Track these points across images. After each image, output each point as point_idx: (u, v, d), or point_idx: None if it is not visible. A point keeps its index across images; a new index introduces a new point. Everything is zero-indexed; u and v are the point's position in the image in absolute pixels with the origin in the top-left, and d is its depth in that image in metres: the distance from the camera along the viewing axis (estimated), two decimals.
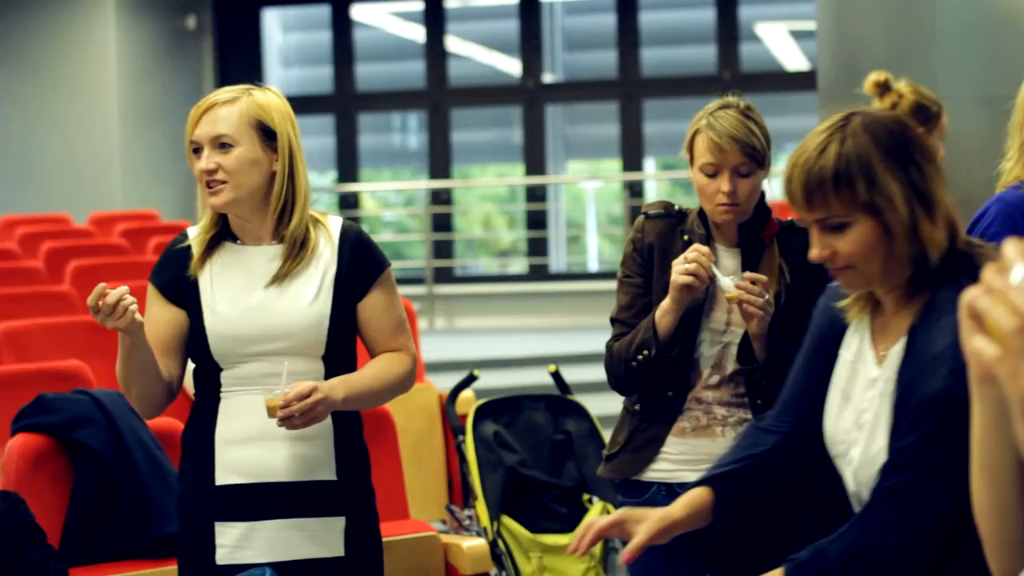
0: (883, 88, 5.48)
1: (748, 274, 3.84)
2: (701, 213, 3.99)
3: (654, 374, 3.88)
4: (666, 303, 3.83)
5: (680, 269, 3.77)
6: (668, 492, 3.91)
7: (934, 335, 2.53)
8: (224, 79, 16.19)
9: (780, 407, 3.00)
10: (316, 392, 3.43)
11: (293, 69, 17.17)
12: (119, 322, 3.37)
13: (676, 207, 4.04)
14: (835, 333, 2.85)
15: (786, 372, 3.71)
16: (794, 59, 16.45)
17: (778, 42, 16.58)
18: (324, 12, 16.63)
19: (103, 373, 5.95)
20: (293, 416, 3.41)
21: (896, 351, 2.64)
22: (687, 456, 3.94)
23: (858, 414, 2.70)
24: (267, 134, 3.61)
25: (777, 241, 3.97)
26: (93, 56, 14.85)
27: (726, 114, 3.94)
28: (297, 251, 3.62)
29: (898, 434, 2.56)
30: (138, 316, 3.39)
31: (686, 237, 3.96)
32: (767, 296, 3.80)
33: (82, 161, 14.76)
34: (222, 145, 3.57)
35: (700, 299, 3.89)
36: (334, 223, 3.72)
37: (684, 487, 3.67)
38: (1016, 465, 1.79)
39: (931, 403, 2.51)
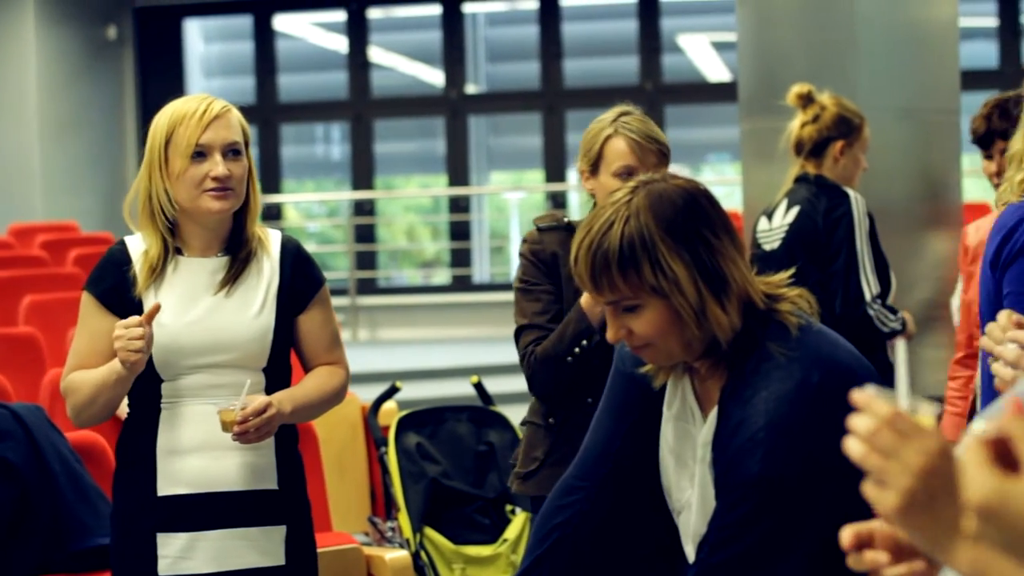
0: (806, 100, 5.52)
1: None
2: None
3: (586, 368, 3.87)
4: (585, 298, 3.84)
5: None
6: None
7: (748, 413, 2.47)
8: (145, 90, 16.08)
9: (583, 458, 2.87)
10: (271, 408, 3.43)
11: (215, 80, 17.07)
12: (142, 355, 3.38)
13: (566, 219, 4.07)
14: (646, 388, 2.76)
15: None
16: (716, 70, 16.53)
17: (700, 53, 16.66)
18: (246, 23, 16.56)
19: (21, 386, 5.89)
20: (249, 432, 3.41)
21: (711, 421, 2.59)
22: None
23: (691, 477, 2.65)
24: (245, 147, 3.62)
25: None
26: (12, 66, 14.71)
27: (633, 119, 4.02)
28: (244, 263, 3.61)
29: (719, 511, 2.52)
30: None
31: None
32: None
33: (1, 172, 14.61)
34: (234, 152, 3.56)
35: None
36: (273, 236, 3.72)
37: None
38: None
39: (750, 486, 2.46)
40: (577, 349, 3.85)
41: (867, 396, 1.54)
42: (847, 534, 1.58)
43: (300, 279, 3.68)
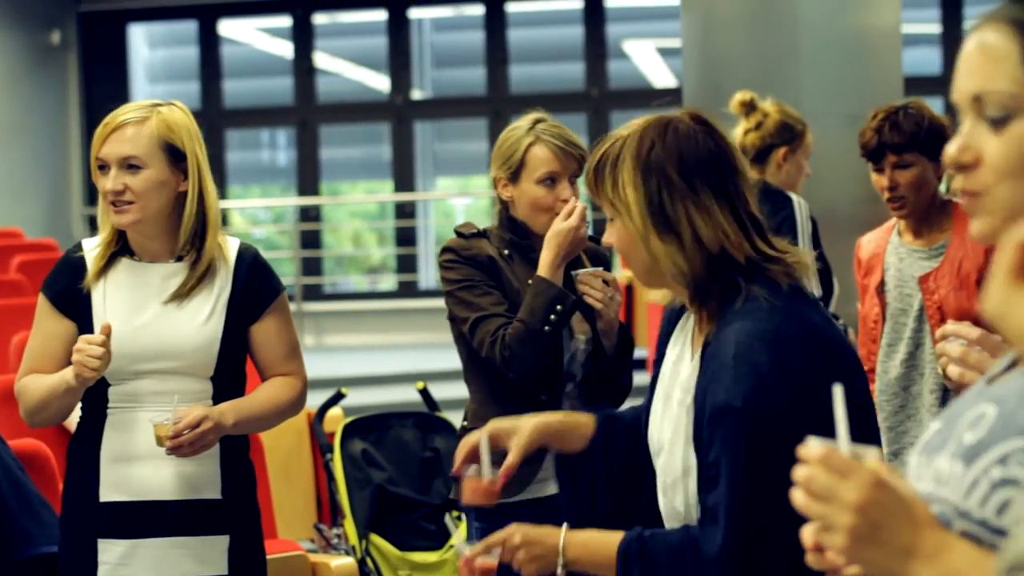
0: (748, 107, 5.55)
1: (595, 269, 3.91)
2: (514, 230, 4.02)
3: (556, 341, 3.86)
4: (554, 258, 3.86)
5: (572, 222, 3.83)
6: (536, 508, 3.93)
7: (721, 343, 2.52)
8: (89, 95, 15.99)
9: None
10: (206, 421, 3.42)
11: (160, 85, 16.99)
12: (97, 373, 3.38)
13: (481, 228, 4.09)
14: (670, 327, 2.86)
15: (624, 371, 3.96)
16: (661, 76, 16.58)
17: (646, 59, 16.71)
18: (191, 28, 16.48)
19: None
20: (182, 445, 3.39)
21: (695, 363, 2.65)
22: (550, 468, 3.87)
23: (671, 418, 2.69)
24: (176, 155, 3.58)
25: (584, 250, 3.99)
26: None
27: (551, 125, 4.03)
28: (203, 271, 3.60)
29: (701, 448, 2.55)
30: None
31: (506, 251, 4.01)
32: (615, 295, 3.87)
33: None
34: (130, 166, 3.53)
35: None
36: (231, 244, 3.70)
37: (552, 499, 3.87)
38: None
39: (716, 415, 2.50)
40: (552, 316, 3.81)
41: (805, 446, 1.55)
42: (807, 534, 1.58)
43: (254, 288, 3.66)
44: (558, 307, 3.82)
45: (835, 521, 1.51)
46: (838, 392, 1.58)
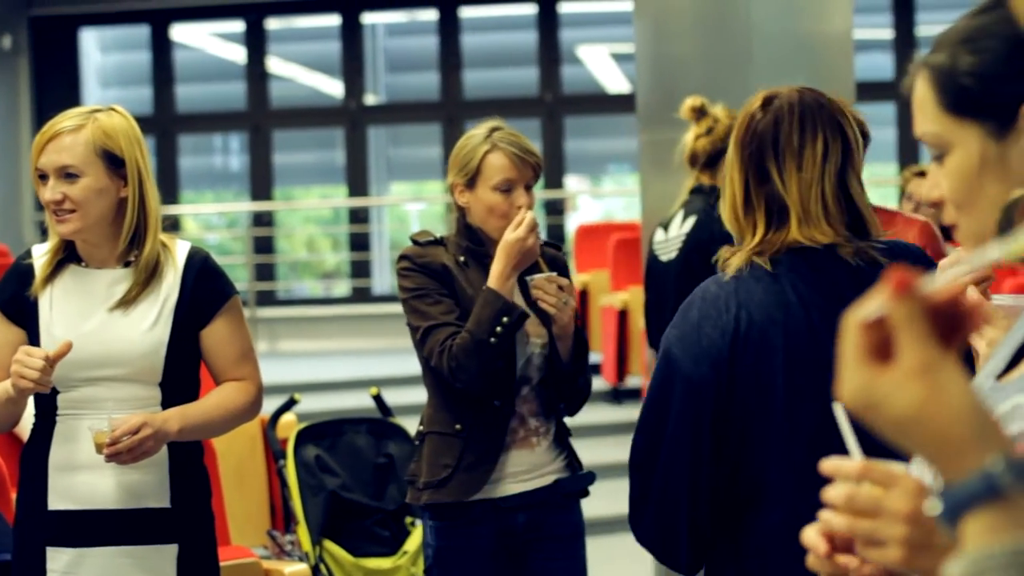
0: (699, 113, 5.57)
1: (550, 275, 3.96)
2: (470, 237, 4.08)
3: (509, 348, 3.92)
4: (504, 269, 3.91)
5: (520, 233, 3.89)
6: (493, 509, 4.02)
7: None
8: (41, 100, 15.89)
9: None
10: (146, 427, 3.40)
11: (112, 90, 16.90)
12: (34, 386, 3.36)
13: (438, 236, 4.14)
14: None
15: (581, 374, 4.02)
16: (616, 81, 16.61)
17: (599, 64, 16.73)
18: (143, 32, 16.41)
19: None
20: (121, 452, 3.37)
21: None
22: (511, 469, 4.05)
23: None
24: (114, 161, 3.56)
25: (541, 254, 4.07)
26: None
27: (506, 133, 4.08)
28: (147, 277, 3.58)
29: None
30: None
31: (462, 258, 4.07)
32: (570, 300, 3.93)
33: None
34: (68, 175, 3.51)
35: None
36: (181, 248, 3.68)
37: (507, 500, 4.00)
38: None
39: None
40: (499, 328, 3.86)
41: (831, 463, 1.52)
42: (810, 537, 1.57)
43: (203, 293, 3.64)
44: (504, 319, 3.87)
45: (887, 535, 1.46)
46: (839, 410, 1.55)
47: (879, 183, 14.66)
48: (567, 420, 4.27)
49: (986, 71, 1.69)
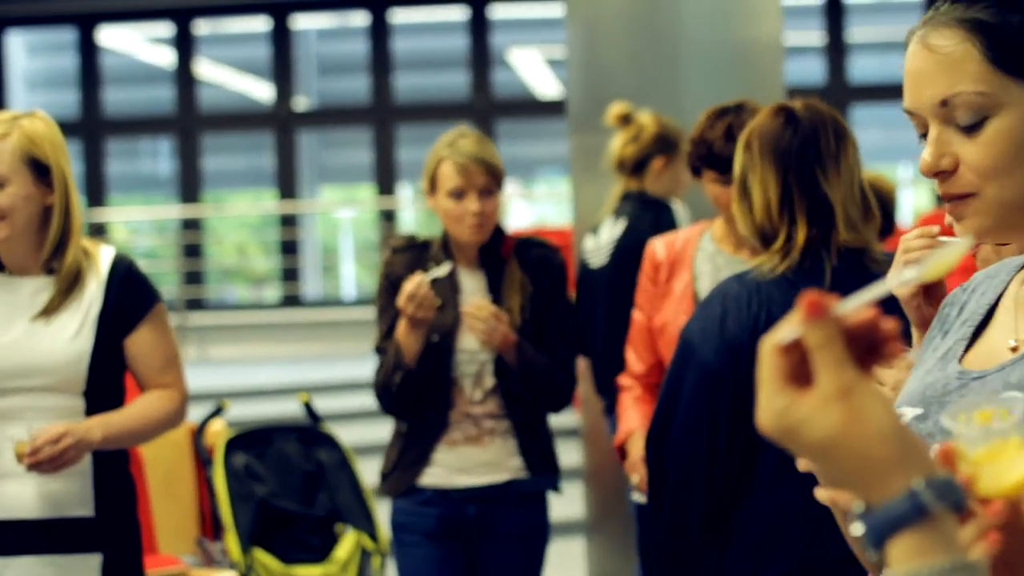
0: (624, 120, 5.59)
1: (478, 303, 4.13)
2: (443, 241, 4.29)
3: (416, 392, 4.18)
4: (403, 325, 4.11)
5: (410, 310, 4.05)
6: (442, 496, 4.28)
7: None
8: None
9: None
10: (67, 437, 3.35)
11: (38, 94, 16.77)
12: None
13: (419, 239, 4.36)
14: None
15: (539, 378, 4.14)
16: (548, 86, 16.63)
17: (531, 69, 16.75)
18: (70, 36, 16.27)
19: None
20: (42, 462, 3.33)
21: None
22: (459, 464, 4.27)
23: None
24: (40, 168, 3.51)
25: (516, 256, 4.28)
26: None
27: (466, 141, 4.22)
28: (69, 285, 3.53)
29: None
30: None
31: (432, 265, 4.24)
32: (497, 326, 4.10)
33: None
34: None
35: (452, 323, 4.20)
36: (105, 255, 3.63)
37: (458, 492, 4.25)
38: None
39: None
40: (396, 379, 4.16)
41: None
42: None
43: (127, 300, 3.60)
44: (398, 373, 4.15)
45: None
46: None
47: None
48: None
49: None
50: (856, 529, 1.19)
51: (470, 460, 4.26)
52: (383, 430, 5.08)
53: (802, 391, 1.20)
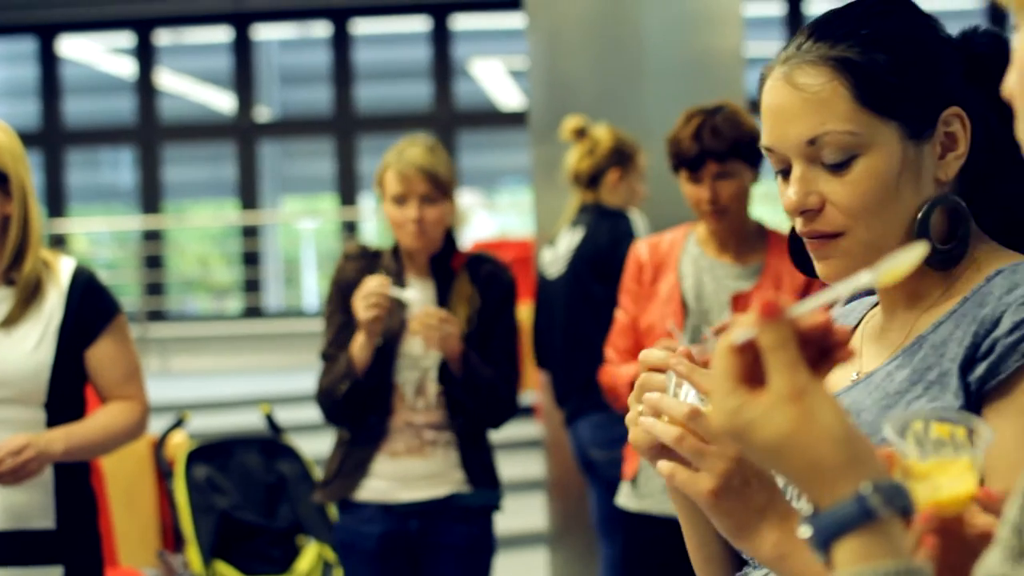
0: (579, 134, 5.60)
1: (428, 309, 4.15)
2: (395, 250, 4.34)
3: (360, 403, 4.22)
4: (360, 338, 4.14)
5: (362, 305, 4.07)
6: (384, 511, 4.28)
7: None
8: None
9: None
10: (28, 449, 3.34)
11: None
12: None
13: (371, 248, 4.40)
14: None
15: (484, 390, 4.16)
16: (510, 97, 16.64)
17: (493, 80, 16.76)
18: (30, 46, 16.20)
19: None
20: (4, 474, 3.31)
21: None
22: (400, 476, 4.27)
23: None
24: None
25: (467, 269, 4.33)
26: None
27: (413, 149, 4.27)
28: (29, 295, 3.51)
29: None
30: None
31: (383, 273, 4.28)
32: (450, 328, 4.12)
33: None
34: None
35: (396, 328, 4.23)
36: (65, 266, 3.62)
37: (400, 507, 4.24)
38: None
39: None
40: (342, 387, 4.19)
41: (687, 370, 1.55)
42: (664, 465, 1.58)
43: (88, 311, 3.58)
44: (345, 382, 4.18)
45: (710, 464, 1.50)
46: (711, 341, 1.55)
47: (771, 197, 14.77)
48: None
49: (907, 71, 1.69)
50: (804, 531, 1.20)
51: (412, 472, 4.26)
52: None
53: (755, 392, 1.21)
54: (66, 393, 3.57)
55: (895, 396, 1.66)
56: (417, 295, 4.16)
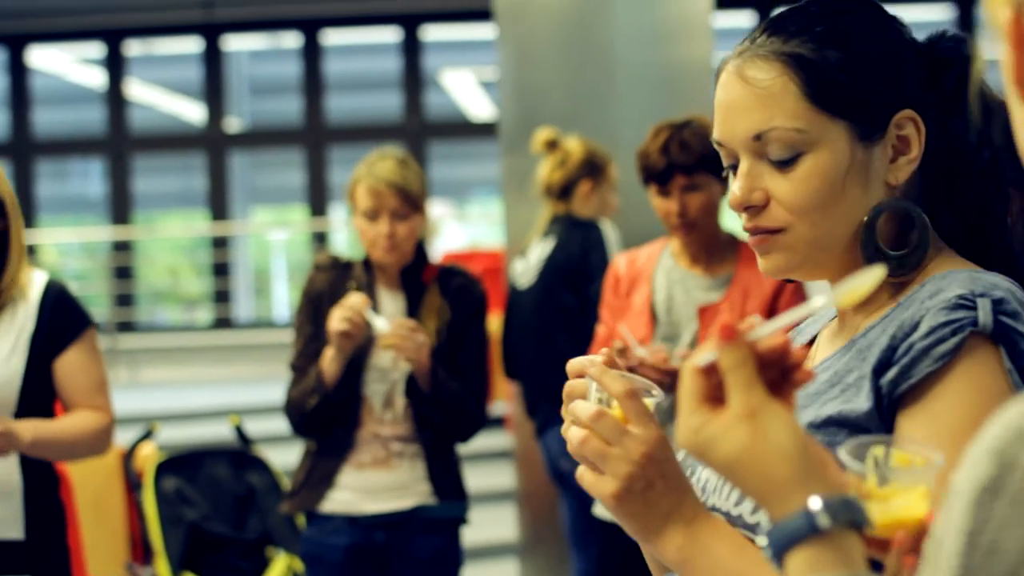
0: (551, 145, 5.60)
1: (400, 320, 4.14)
2: (366, 262, 4.33)
3: (329, 416, 4.21)
4: (330, 351, 4.14)
5: (336, 317, 4.06)
6: (350, 523, 4.27)
7: None
8: None
9: None
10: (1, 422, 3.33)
11: None
12: None
13: (342, 259, 4.40)
14: None
15: (451, 404, 4.17)
16: (481, 107, 16.64)
17: (464, 91, 16.76)
18: (0, 56, 16.16)
19: None
20: None
21: None
22: (366, 488, 4.26)
23: None
24: None
25: (437, 282, 4.34)
26: None
27: (384, 164, 4.26)
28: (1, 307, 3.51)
29: None
30: None
31: (353, 285, 4.29)
32: (422, 338, 4.11)
33: None
34: None
35: (364, 340, 4.21)
36: (37, 278, 3.62)
37: (366, 518, 4.24)
38: None
39: None
40: (312, 401, 4.19)
41: (598, 372, 1.55)
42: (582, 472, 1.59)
43: (59, 322, 3.59)
44: (314, 396, 4.18)
45: (613, 467, 1.51)
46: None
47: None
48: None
49: (860, 70, 1.68)
50: (760, 541, 1.27)
51: (378, 483, 4.26)
52: None
53: (716, 411, 1.26)
54: (36, 405, 3.56)
55: (812, 397, 1.67)
56: (387, 326, 4.11)
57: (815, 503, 1.21)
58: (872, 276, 1.27)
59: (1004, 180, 1.73)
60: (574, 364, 1.63)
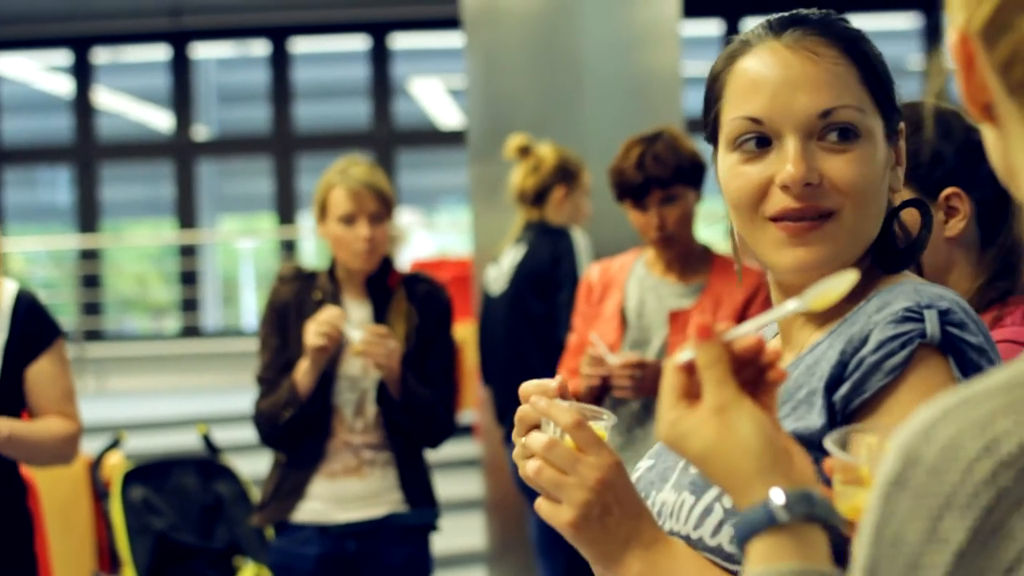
0: (524, 152, 5.60)
1: (370, 327, 4.14)
2: (330, 271, 4.32)
3: (302, 427, 4.20)
4: (305, 364, 4.13)
5: (313, 331, 4.06)
6: (321, 532, 4.26)
7: None
8: None
9: None
10: None
11: None
12: None
13: (306, 270, 4.38)
14: None
15: (422, 410, 4.15)
16: (449, 116, 16.64)
17: (432, 99, 16.76)
18: None
19: None
20: None
21: None
22: (337, 497, 4.25)
23: None
24: None
25: (403, 288, 4.34)
26: None
27: (357, 168, 4.26)
28: None
29: None
30: None
31: (319, 295, 4.27)
32: (393, 344, 4.11)
33: None
34: None
35: (335, 349, 4.19)
36: (8, 287, 3.61)
37: (336, 527, 4.24)
38: None
39: None
40: (286, 414, 4.18)
41: (545, 405, 1.57)
42: (519, 460, 1.61)
43: (31, 331, 3.59)
44: (288, 409, 4.17)
45: (569, 494, 1.53)
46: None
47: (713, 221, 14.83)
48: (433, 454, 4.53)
49: (887, 71, 1.73)
50: (727, 531, 1.37)
51: (349, 492, 4.25)
52: None
53: (691, 406, 1.33)
54: (7, 411, 3.56)
55: None
56: (361, 336, 4.10)
57: (777, 496, 1.27)
58: (844, 280, 1.32)
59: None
60: (525, 389, 1.63)
